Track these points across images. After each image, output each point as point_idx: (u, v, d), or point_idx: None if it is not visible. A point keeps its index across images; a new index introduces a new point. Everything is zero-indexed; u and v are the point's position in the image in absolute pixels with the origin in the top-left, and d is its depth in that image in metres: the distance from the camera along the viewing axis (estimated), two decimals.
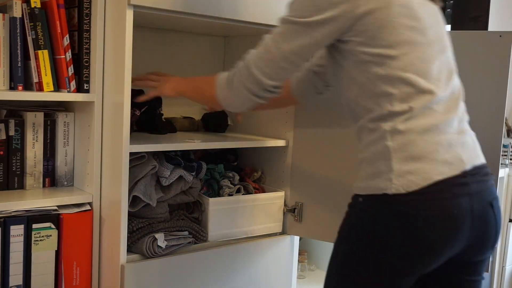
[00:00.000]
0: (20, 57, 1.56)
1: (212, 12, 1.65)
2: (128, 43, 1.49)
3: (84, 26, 1.59)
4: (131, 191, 1.60)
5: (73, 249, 1.60)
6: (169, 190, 1.72)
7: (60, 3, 1.58)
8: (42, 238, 1.54)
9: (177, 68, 2.11)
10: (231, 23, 1.72)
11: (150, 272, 1.59)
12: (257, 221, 1.87)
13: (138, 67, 1.98)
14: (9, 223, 1.49)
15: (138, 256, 1.60)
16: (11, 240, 1.50)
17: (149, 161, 1.66)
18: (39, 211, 1.54)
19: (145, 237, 1.61)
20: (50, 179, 1.69)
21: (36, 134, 1.64)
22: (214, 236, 1.76)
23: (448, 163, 1.19)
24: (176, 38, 2.09)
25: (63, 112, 1.70)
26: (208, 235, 1.74)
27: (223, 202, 1.78)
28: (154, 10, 1.54)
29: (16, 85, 1.56)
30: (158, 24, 1.95)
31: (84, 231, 1.61)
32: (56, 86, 1.60)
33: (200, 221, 1.79)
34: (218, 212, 1.76)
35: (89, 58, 1.61)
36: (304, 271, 2.68)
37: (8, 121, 1.60)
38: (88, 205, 1.63)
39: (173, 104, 2.12)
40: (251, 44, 2.11)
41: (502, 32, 1.53)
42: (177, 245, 1.66)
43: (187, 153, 1.83)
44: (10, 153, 1.61)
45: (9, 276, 1.50)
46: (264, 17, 1.78)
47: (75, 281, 1.61)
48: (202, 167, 1.80)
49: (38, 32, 1.56)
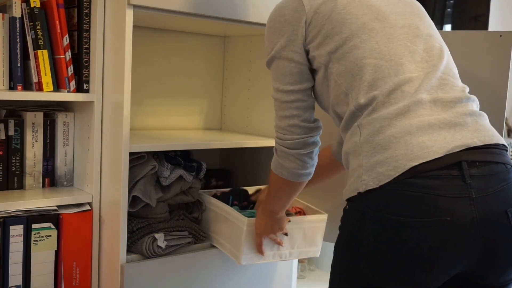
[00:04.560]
0: (19, 57, 1.56)
1: (211, 12, 1.65)
2: (128, 43, 1.49)
3: (84, 26, 1.59)
4: (130, 191, 1.60)
5: (73, 249, 1.60)
6: (169, 190, 1.72)
7: (60, 3, 1.57)
8: (41, 238, 1.54)
9: (177, 68, 2.11)
10: (231, 23, 1.72)
11: (150, 272, 1.59)
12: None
13: (138, 67, 1.99)
14: (8, 223, 1.49)
15: (138, 256, 1.60)
16: (10, 240, 1.50)
17: (149, 161, 1.66)
18: (39, 211, 1.54)
19: (145, 237, 1.60)
20: (50, 179, 1.69)
21: (35, 134, 1.64)
22: (247, 259, 1.59)
23: (426, 146, 1.02)
24: (176, 38, 2.09)
25: (63, 112, 1.69)
26: (242, 258, 1.59)
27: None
28: (154, 10, 1.54)
29: (16, 85, 1.56)
30: (158, 24, 1.95)
31: (84, 231, 1.61)
32: (55, 86, 1.60)
33: (200, 221, 1.79)
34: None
35: (89, 58, 1.61)
36: (304, 271, 2.68)
37: (7, 121, 1.60)
38: (88, 205, 1.63)
39: (169, 114, 2.12)
40: (251, 44, 2.12)
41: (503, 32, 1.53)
42: (177, 245, 1.65)
43: (187, 153, 1.83)
44: (10, 153, 1.61)
45: (9, 276, 1.50)
46: (264, 17, 1.78)
47: (75, 281, 1.61)
48: (202, 167, 1.79)
49: (38, 32, 1.56)
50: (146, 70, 2.03)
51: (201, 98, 2.20)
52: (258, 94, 2.08)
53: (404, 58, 1.14)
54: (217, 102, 2.25)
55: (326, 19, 1.21)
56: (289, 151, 1.30)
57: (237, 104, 2.18)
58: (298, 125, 1.29)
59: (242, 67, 2.14)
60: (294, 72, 1.27)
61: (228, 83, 2.23)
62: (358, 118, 1.14)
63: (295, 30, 1.25)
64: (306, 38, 1.25)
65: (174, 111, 2.13)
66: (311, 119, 1.31)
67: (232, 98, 2.21)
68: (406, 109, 1.08)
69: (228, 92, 2.24)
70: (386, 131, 1.07)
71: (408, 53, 1.15)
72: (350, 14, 1.19)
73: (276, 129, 1.33)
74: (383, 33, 1.16)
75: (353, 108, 1.15)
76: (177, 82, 2.12)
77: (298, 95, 1.28)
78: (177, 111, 2.13)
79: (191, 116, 2.18)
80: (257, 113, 2.09)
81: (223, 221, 1.67)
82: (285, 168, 1.34)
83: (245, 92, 2.14)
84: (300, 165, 1.32)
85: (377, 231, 1.05)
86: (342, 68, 1.18)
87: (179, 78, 2.13)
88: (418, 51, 1.16)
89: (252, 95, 2.11)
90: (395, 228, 1.02)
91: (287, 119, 1.29)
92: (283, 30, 1.27)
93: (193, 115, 2.19)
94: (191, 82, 2.16)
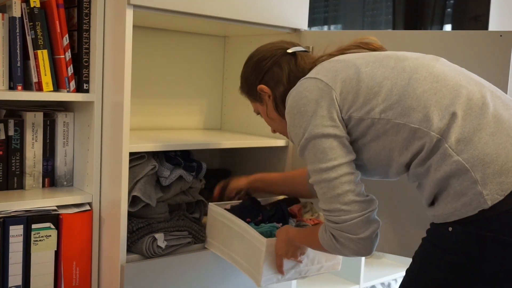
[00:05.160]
0: (19, 57, 1.55)
1: (211, 12, 1.65)
2: (128, 43, 1.49)
3: (84, 26, 1.59)
4: (130, 191, 1.60)
5: (73, 249, 1.59)
6: (169, 190, 1.72)
7: (60, 3, 1.57)
8: (41, 238, 1.54)
9: (177, 68, 2.11)
10: (231, 23, 1.72)
11: (150, 272, 1.59)
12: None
13: (138, 67, 1.98)
14: (8, 223, 1.49)
15: (137, 256, 1.60)
16: (10, 240, 1.49)
17: (149, 161, 1.65)
18: (39, 211, 1.54)
19: (145, 237, 1.60)
20: (50, 179, 1.69)
21: (35, 134, 1.64)
22: (267, 280, 1.53)
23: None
24: (176, 38, 2.09)
25: (63, 112, 1.69)
26: (261, 280, 1.52)
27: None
28: (154, 10, 1.54)
29: (16, 85, 1.55)
30: (158, 24, 1.95)
31: (83, 231, 1.61)
32: (55, 86, 1.60)
33: (200, 221, 1.79)
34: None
35: (89, 58, 1.61)
36: None
37: (7, 121, 1.60)
38: (88, 205, 1.63)
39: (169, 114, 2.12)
40: (251, 44, 2.11)
41: (503, 32, 1.52)
42: (177, 245, 1.65)
43: (187, 153, 1.83)
44: (10, 153, 1.61)
45: (9, 277, 1.50)
46: (264, 17, 1.78)
47: (75, 281, 1.61)
48: (202, 167, 1.79)
49: (38, 31, 1.56)
50: (146, 70, 2.03)
51: (201, 98, 2.20)
52: None
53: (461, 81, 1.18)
54: (217, 102, 2.25)
55: (356, 81, 1.21)
56: (352, 237, 1.19)
57: (237, 104, 2.18)
58: (354, 201, 1.19)
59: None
60: (334, 146, 1.20)
61: (228, 83, 2.23)
62: (444, 141, 1.11)
63: (326, 105, 1.21)
64: (343, 106, 1.21)
65: (174, 111, 2.13)
66: (364, 192, 1.22)
67: (232, 98, 2.21)
68: (493, 115, 1.11)
69: (228, 92, 2.23)
70: (485, 139, 1.09)
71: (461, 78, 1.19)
72: (375, 69, 1.21)
73: (327, 215, 1.21)
74: (421, 67, 1.19)
75: (433, 134, 1.12)
76: (177, 82, 2.12)
77: (345, 168, 1.20)
78: (177, 111, 2.13)
79: (191, 116, 2.18)
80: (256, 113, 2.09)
81: (238, 238, 1.59)
82: (346, 249, 1.22)
83: None
84: (367, 250, 1.22)
85: (501, 256, 1.05)
86: (399, 109, 1.16)
87: (179, 78, 2.12)
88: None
89: None
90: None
91: (340, 197, 1.19)
92: (310, 110, 1.22)
93: (193, 115, 2.19)
94: (191, 82, 2.16)
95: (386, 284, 2.92)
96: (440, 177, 1.11)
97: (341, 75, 1.23)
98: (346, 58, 1.29)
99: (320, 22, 3.71)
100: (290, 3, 1.84)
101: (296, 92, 1.27)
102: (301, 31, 1.87)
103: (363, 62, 1.24)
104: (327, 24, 3.71)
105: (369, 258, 3.04)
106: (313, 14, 3.62)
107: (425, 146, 1.13)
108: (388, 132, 1.17)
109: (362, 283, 2.71)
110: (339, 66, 1.26)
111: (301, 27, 1.88)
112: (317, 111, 1.21)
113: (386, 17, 3.66)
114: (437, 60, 1.24)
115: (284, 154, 1.96)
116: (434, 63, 1.22)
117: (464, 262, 1.08)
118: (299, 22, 1.87)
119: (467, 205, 1.08)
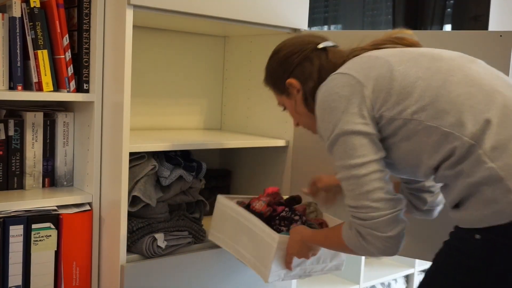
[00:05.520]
0: (19, 57, 1.55)
1: (211, 12, 1.65)
2: (128, 43, 1.49)
3: (84, 26, 1.59)
4: (130, 191, 1.60)
5: (73, 249, 1.59)
6: (169, 190, 1.72)
7: (60, 3, 1.57)
8: (41, 238, 1.54)
9: (177, 68, 2.11)
10: (231, 23, 1.72)
11: (150, 272, 1.59)
12: None
13: (138, 67, 1.98)
14: (8, 223, 1.49)
15: (137, 256, 1.60)
16: (10, 240, 1.49)
17: (149, 161, 1.66)
18: (39, 211, 1.54)
19: (145, 237, 1.60)
20: (50, 179, 1.69)
21: (35, 134, 1.64)
22: (274, 276, 1.52)
23: None
24: (176, 38, 2.09)
25: (63, 112, 1.69)
26: (269, 276, 1.51)
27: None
28: (154, 10, 1.54)
29: (16, 85, 1.56)
30: (158, 24, 1.95)
31: (83, 231, 1.61)
32: (55, 86, 1.60)
33: (200, 221, 1.79)
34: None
35: (89, 58, 1.61)
36: None
37: (7, 121, 1.60)
38: (88, 205, 1.63)
39: (169, 114, 2.12)
40: (251, 44, 2.12)
41: (503, 32, 1.52)
42: (177, 245, 1.65)
43: (187, 153, 1.83)
44: (10, 153, 1.61)
45: (9, 277, 1.50)
46: (264, 17, 1.78)
47: (75, 281, 1.61)
48: (202, 167, 1.79)
49: (38, 32, 1.56)
50: (146, 70, 2.03)
51: (201, 98, 2.20)
52: (258, 94, 2.08)
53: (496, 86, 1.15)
54: (217, 102, 2.25)
55: (388, 79, 1.19)
56: (379, 235, 1.17)
57: (237, 104, 2.18)
58: (383, 198, 1.17)
59: (242, 67, 2.14)
60: (364, 143, 1.19)
61: (228, 83, 2.23)
62: (478, 146, 1.09)
63: (357, 102, 1.20)
64: (375, 104, 1.19)
65: (174, 111, 2.13)
66: (393, 191, 1.20)
67: (232, 98, 2.21)
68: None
69: (228, 92, 2.23)
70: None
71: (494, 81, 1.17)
72: (409, 68, 1.19)
73: (354, 211, 1.20)
74: (457, 69, 1.17)
75: (466, 139, 1.10)
76: (177, 82, 2.12)
77: (375, 165, 1.18)
78: (177, 111, 2.13)
79: (191, 116, 2.18)
80: (257, 113, 2.09)
81: (247, 232, 1.58)
82: (372, 247, 1.20)
83: (245, 92, 2.14)
84: (393, 249, 1.20)
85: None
86: (432, 111, 1.14)
87: (179, 78, 2.13)
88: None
89: (252, 95, 2.11)
90: None
91: (369, 194, 1.17)
92: (341, 107, 1.20)
93: (193, 115, 2.19)
94: (191, 82, 2.16)
95: (386, 284, 2.92)
96: (471, 182, 1.10)
97: (374, 73, 1.21)
98: (379, 54, 1.26)
99: (320, 22, 3.71)
100: (290, 3, 1.84)
101: (326, 88, 1.25)
102: (301, 31, 1.87)
103: (397, 60, 1.22)
104: (327, 24, 3.71)
105: (369, 258, 3.04)
106: (313, 14, 3.62)
107: (456, 150, 1.11)
108: (419, 134, 1.16)
109: (362, 283, 2.71)
110: (372, 63, 1.23)
111: (301, 27, 1.88)
112: (348, 108, 1.20)
113: (386, 17, 3.66)
114: (473, 62, 1.21)
115: (284, 154, 1.96)
116: (470, 65, 1.20)
117: (487, 269, 1.07)
118: (299, 22, 1.88)
119: (498, 213, 1.06)
